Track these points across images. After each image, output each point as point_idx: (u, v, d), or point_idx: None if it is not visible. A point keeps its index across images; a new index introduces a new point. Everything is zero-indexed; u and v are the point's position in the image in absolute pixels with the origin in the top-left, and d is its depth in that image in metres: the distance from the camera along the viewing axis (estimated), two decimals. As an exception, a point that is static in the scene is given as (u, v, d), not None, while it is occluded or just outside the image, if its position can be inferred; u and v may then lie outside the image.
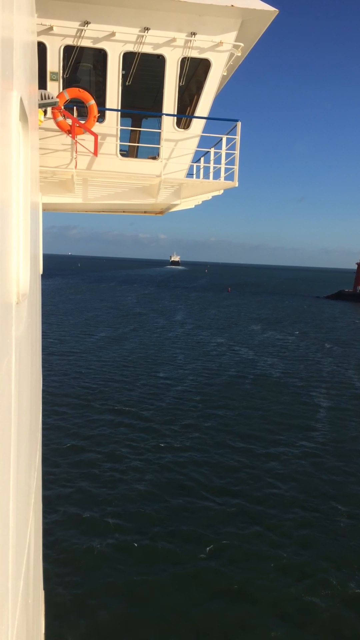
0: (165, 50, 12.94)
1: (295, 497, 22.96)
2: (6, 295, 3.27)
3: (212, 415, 34.07)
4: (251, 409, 36.08)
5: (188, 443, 28.63)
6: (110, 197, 14.32)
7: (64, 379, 40.73)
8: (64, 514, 20.33)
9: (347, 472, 25.87)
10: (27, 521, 5.16)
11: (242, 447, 28.71)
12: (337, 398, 40.07)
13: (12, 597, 3.54)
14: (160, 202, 14.56)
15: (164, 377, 43.96)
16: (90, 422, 31.24)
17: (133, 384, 40.64)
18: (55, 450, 26.13)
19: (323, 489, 23.87)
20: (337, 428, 32.95)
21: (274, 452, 28.29)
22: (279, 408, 36.59)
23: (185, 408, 35.32)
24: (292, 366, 51.05)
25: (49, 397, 34.06)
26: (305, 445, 29.43)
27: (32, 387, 6.19)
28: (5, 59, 3.11)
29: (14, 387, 3.68)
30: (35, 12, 10.20)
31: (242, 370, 47.91)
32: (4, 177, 3.12)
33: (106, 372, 44.27)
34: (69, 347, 54.31)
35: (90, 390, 37.99)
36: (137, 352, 54.01)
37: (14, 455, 3.64)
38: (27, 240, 4.34)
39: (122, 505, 21.28)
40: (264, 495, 22.97)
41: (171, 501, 21.84)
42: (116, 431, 29.90)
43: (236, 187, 14.58)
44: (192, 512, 21.04)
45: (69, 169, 13.27)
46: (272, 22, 12.85)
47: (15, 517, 3.75)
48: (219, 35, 12.95)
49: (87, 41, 12.68)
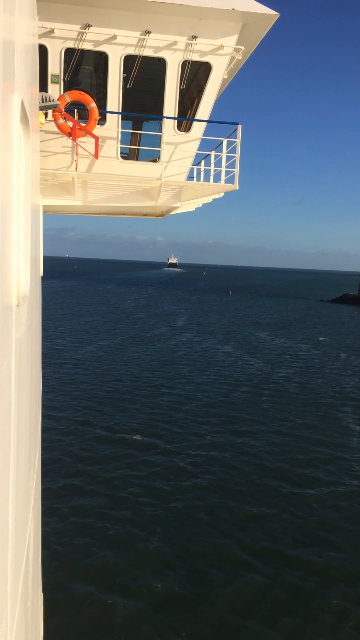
0: (166, 54, 12.99)
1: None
2: (6, 298, 3.28)
3: (229, 444, 28.83)
4: (274, 433, 30.93)
5: (204, 482, 23.83)
6: (110, 199, 14.35)
7: (59, 398, 35.93)
8: (64, 516, 20.29)
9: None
10: (26, 523, 5.15)
11: (272, 489, 23.43)
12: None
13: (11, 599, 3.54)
14: (160, 205, 14.59)
15: (169, 393, 39.00)
16: (89, 442, 31.14)
17: (135, 402, 35.83)
18: (54, 457, 26.11)
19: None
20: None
21: (313, 494, 23.07)
22: (308, 433, 31.35)
23: (197, 432, 30.65)
24: (311, 379, 45.77)
25: (42, 417, 33.95)
26: (352, 484, 24.25)
27: (31, 389, 6.18)
28: (6, 61, 3.12)
29: (14, 389, 3.68)
30: (37, 15, 10.24)
31: (257, 386, 42.44)
32: (4, 180, 3.13)
33: (105, 388, 39.37)
34: (64, 359, 49.01)
35: (89, 411, 33.51)
36: (137, 363, 48.87)
37: (13, 457, 3.64)
38: (27, 242, 4.35)
39: (123, 508, 21.24)
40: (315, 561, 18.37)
41: (172, 505, 21.81)
42: (116, 454, 29.81)
43: (234, 190, 14.63)
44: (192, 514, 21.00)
45: (70, 172, 13.30)
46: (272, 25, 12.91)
47: (15, 519, 3.75)
48: (220, 39, 13.00)
49: (88, 44, 12.72)
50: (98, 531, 19.41)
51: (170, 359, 51.86)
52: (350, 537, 19.79)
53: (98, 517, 20.40)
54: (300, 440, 30.11)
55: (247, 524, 20.53)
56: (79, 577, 16.80)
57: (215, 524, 20.37)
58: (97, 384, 40.58)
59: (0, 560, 3.08)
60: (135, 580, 16.83)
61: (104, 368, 46.03)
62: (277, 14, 12.54)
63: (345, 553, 18.79)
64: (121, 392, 38.47)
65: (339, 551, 18.90)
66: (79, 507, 21.11)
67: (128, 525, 19.96)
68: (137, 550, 18.38)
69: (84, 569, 17.23)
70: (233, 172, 14.21)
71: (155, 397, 37.68)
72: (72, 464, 25.20)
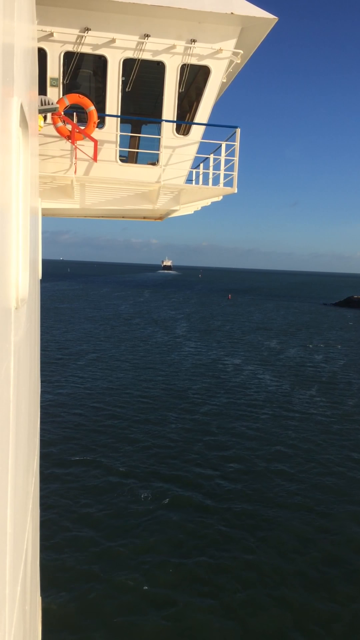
0: (165, 57, 13.02)
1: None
2: (5, 300, 3.28)
3: (256, 490, 23.82)
4: (309, 474, 25.70)
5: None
6: (109, 202, 14.36)
7: (51, 420, 31.49)
8: (63, 519, 20.24)
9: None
10: (24, 526, 5.14)
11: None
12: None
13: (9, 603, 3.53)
14: (159, 208, 14.61)
15: (176, 419, 33.23)
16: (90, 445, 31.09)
17: (137, 431, 30.53)
18: (54, 459, 26.08)
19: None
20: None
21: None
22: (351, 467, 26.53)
23: (215, 467, 25.96)
24: (333, 397, 40.36)
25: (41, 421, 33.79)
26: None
27: (30, 393, 6.18)
28: (6, 65, 3.13)
29: (13, 392, 3.68)
30: (36, 18, 10.26)
31: (278, 408, 36.46)
32: (4, 183, 3.13)
33: (102, 411, 34.34)
34: (54, 376, 42.73)
35: (88, 437, 29.07)
36: (136, 381, 42.46)
37: (12, 460, 3.64)
38: (26, 245, 4.35)
39: (123, 511, 21.20)
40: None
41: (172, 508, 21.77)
42: (117, 455, 29.79)
43: (233, 193, 14.65)
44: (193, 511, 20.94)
45: (69, 175, 13.31)
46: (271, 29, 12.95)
47: (13, 522, 3.74)
48: (219, 43, 13.03)
49: (87, 48, 12.75)
50: (97, 534, 19.36)
51: (173, 376, 45.14)
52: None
53: (97, 520, 20.36)
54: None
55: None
56: (77, 581, 16.76)
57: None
58: (93, 408, 34.97)
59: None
60: (136, 582, 16.79)
61: (100, 390, 39.36)
62: (276, 18, 12.58)
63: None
64: (121, 416, 33.34)
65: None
66: (78, 511, 21.06)
67: (129, 527, 19.92)
68: (137, 555, 18.34)
69: (83, 572, 17.19)
70: (232, 175, 14.24)
71: (162, 423, 32.42)
72: (71, 466, 25.16)
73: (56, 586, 16.26)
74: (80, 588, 16.43)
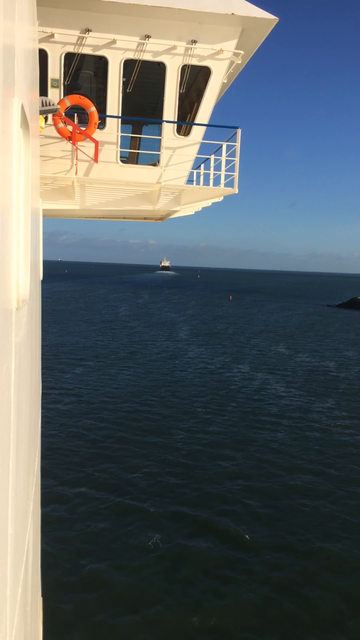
0: (165, 58, 13.04)
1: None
2: (6, 301, 3.28)
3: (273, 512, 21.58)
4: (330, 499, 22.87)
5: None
6: (110, 203, 14.38)
7: (51, 421, 30.94)
8: (63, 520, 20.24)
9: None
10: (25, 527, 5.14)
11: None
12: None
13: (10, 604, 3.52)
14: (160, 209, 14.62)
15: (182, 432, 30.92)
16: (90, 448, 31.08)
17: (137, 432, 29.85)
18: (54, 460, 26.07)
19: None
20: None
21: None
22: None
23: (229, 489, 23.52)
24: (354, 411, 36.71)
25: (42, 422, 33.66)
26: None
27: (31, 394, 6.18)
28: (6, 66, 3.13)
29: (14, 393, 3.68)
30: (37, 19, 10.28)
31: (298, 421, 33.57)
32: (4, 184, 3.13)
33: (100, 426, 31.48)
34: (52, 381, 40.07)
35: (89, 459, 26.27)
36: (138, 392, 39.37)
37: (13, 461, 3.64)
38: (27, 246, 4.35)
39: (122, 512, 21.19)
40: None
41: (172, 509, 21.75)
42: (117, 456, 29.76)
43: (234, 193, 14.67)
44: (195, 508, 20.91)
45: (70, 176, 13.33)
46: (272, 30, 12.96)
47: (14, 523, 3.74)
48: (219, 43, 13.05)
49: (88, 49, 12.77)
50: (99, 535, 19.35)
51: (177, 386, 41.91)
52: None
53: (99, 521, 20.33)
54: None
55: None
56: (78, 582, 16.75)
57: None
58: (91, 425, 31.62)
59: (0, 565, 3.07)
60: (136, 582, 16.77)
61: (98, 404, 36.27)
62: (277, 18, 12.59)
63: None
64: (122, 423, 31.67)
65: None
66: (80, 511, 21.05)
67: (129, 529, 19.91)
68: (139, 557, 18.32)
69: (84, 573, 17.17)
70: (232, 175, 14.25)
71: (165, 433, 30.71)
72: (71, 468, 25.15)
73: (57, 587, 16.26)
74: (81, 589, 16.43)
